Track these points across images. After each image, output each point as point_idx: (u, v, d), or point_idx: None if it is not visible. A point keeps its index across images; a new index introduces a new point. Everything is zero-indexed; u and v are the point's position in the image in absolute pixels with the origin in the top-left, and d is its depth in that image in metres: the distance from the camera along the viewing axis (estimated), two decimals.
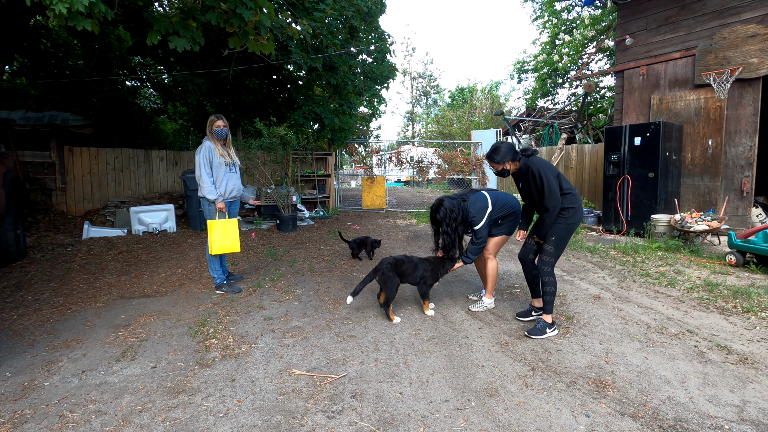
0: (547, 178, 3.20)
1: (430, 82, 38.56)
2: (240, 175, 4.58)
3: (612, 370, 2.76)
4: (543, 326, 3.30)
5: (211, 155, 4.25)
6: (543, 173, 3.22)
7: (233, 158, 4.51)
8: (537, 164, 3.27)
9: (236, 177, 4.50)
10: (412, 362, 2.89)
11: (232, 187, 4.44)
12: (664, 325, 3.49)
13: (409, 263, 3.71)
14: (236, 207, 4.68)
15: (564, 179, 3.33)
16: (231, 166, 4.41)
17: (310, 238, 7.36)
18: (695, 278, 4.73)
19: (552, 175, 3.24)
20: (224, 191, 4.35)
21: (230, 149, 4.49)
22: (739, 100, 6.80)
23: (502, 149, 3.39)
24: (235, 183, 4.47)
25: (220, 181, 4.31)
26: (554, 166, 3.34)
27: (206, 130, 4.37)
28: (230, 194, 4.42)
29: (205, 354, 3.02)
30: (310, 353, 3.03)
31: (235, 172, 4.48)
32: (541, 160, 3.33)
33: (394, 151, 12.68)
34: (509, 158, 3.38)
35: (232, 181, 4.44)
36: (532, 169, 3.28)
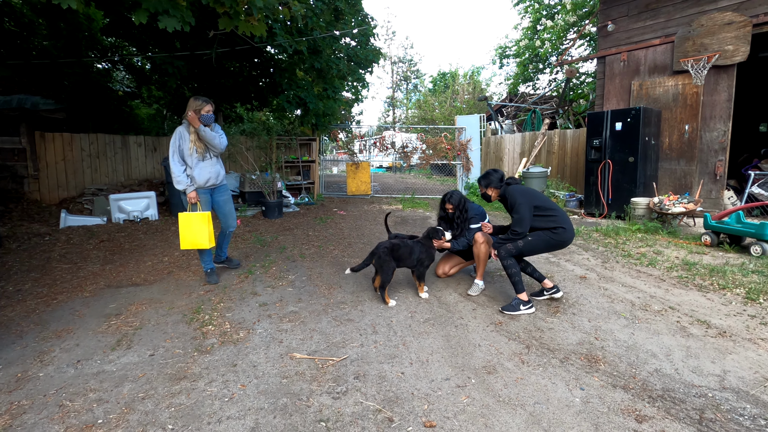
0: (519, 206, 3.45)
1: (410, 67, 38.28)
2: (220, 161, 4.27)
3: (602, 346, 2.89)
4: (517, 303, 3.46)
5: (182, 142, 3.96)
6: (517, 202, 3.47)
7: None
8: (514, 192, 3.51)
9: (212, 163, 4.15)
10: (410, 343, 2.95)
11: (208, 175, 4.10)
12: (648, 302, 3.65)
13: (405, 247, 3.75)
14: (223, 194, 4.37)
15: (548, 201, 3.54)
16: (207, 152, 4.09)
17: (297, 225, 7.32)
18: (674, 258, 4.94)
19: (526, 202, 3.45)
20: (199, 180, 4.06)
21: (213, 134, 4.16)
22: (714, 86, 7.03)
23: (491, 177, 3.67)
24: (211, 171, 4.12)
25: (194, 169, 4.03)
26: (532, 194, 3.51)
27: (185, 114, 3.99)
28: (207, 183, 4.10)
29: (203, 340, 3.01)
30: (309, 337, 3.05)
31: (212, 158, 4.14)
32: (519, 188, 3.53)
33: (378, 137, 12.63)
34: (493, 185, 3.64)
35: (207, 168, 4.09)
36: (508, 197, 3.56)
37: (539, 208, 3.48)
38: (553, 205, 3.53)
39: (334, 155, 19.27)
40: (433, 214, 8.54)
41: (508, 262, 3.48)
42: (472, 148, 11.44)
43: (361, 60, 9.69)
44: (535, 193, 3.52)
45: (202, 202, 4.11)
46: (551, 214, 3.48)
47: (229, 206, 4.44)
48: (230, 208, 4.45)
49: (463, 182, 11.47)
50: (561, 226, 3.46)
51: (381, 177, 19.25)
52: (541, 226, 3.48)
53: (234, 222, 4.50)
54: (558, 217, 3.48)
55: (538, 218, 3.48)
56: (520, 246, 3.47)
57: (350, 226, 7.25)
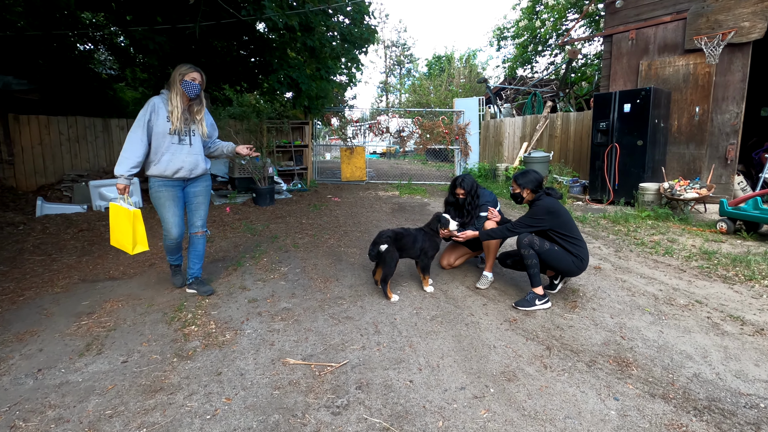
0: (537, 219, 3.17)
1: (403, 51, 37.50)
2: (202, 151, 3.33)
3: (631, 347, 2.60)
4: (532, 298, 3.16)
5: (155, 116, 3.08)
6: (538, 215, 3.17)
7: (194, 126, 3.24)
8: (544, 205, 3.18)
9: (191, 151, 3.21)
10: (417, 345, 2.64)
11: (181, 164, 3.16)
12: (672, 296, 3.37)
13: (409, 236, 3.42)
14: (197, 185, 3.37)
15: (575, 228, 3.21)
16: (185, 135, 3.18)
17: (289, 212, 6.95)
18: (690, 246, 4.67)
19: (548, 220, 3.16)
20: (167, 168, 3.12)
21: (197, 114, 3.24)
22: (728, 65, 6.70)
23: (530, 177, 3.30)
24: (186, 159, 3.18)
25: (160, 153, 3.11)
26: (560, 216, 3.17)
27: (168, 83, 3.18)
28: (176, 173, 3.17)
29: (184, 344, 2.67)
30: (304, 339, 2.73)
31: (192, 143, 3.22)
32: (553, 204, 3.19)
33: (374, 121, 12.21)
34: (530, 188, 3.28)
35: (182, 155, 3.16)
36: (535, 207, 3.23)
37: (565, 231, 3.15)
38: (579, 234, 3.22)
39: (327, 141, 18.79)
40: (432, 200, 8.21)
41: (529, 251, 3.14)
42: (471, 133, 11.08)
43: (356, 39, 9.20)
44: (563, 217, 3.17)
45: (166, 197, 3.20)
46: (577, 243, 3.16)
47: (201, 200, 3.42)
48: (200, 203, 3.41)
49: (461, 168, 11.13)
50: (582, 257, 3.15)
51: (375, 163, 18.84)
52: (567, 249, 3.16)
53: (201, 222, 3.42)
54: (582, 248, 3.17)
55: (565, 241, 3.15)
56: (546, 248, 3.13)
57: (345, 213, 6.90)
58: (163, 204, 3.22)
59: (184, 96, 3.15)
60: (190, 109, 3.23)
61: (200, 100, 3.24)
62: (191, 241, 3.47)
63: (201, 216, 3.42)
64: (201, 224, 3.43)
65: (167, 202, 3.22)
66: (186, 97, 3.16)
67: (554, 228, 3.16)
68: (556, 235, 3.17)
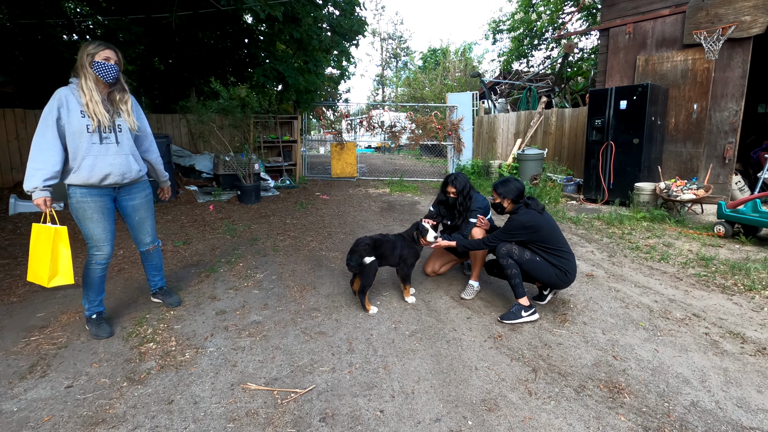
0: (514, 228, 2.95)
1: (400, 44, 37.07)
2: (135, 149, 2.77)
3: (623, 369, 2.40)
4: (517, 309, 2.96)
5: (65, 112, 2.46)
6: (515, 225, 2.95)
7: (120, 119, 2.64)
8: (523, 217, 2.95)
9: (119, 150, 2.63)
10: (393, 366, 2.43)
11: (108, 168, 2.58)
12: (668, 308, 3.18)
13: (388, 243, 3.20)
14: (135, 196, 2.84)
15: (560, 239, 3.00)
16: (108, 132, 2.58)
17: (274, 211, 6.71)
18: (687, 251, 4.48)
19: (523, 232, 2.94)
20: (91, 174, 2.54)
21: (121, 104, 2.64)
22: (728, 61, 6.48)
23: (510, 185, 3.07)
24: (115, 161, 2.60)
25: (79, 157, 2.51)
26: (540, 228, 2.94)
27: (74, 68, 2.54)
28: (104, 180, 2.60)
29: (138, 364, 2.45)
30: (270, 358, 2.51)
31: (119, 141, 2.63)
32: (533, 215, 2.95)
33: (365, 116, 11.93)
34: (511, 197, 3.06)
35: (109, 157, 2.58)
36: (514, 216, 3.00)
37: (547, 244, 2.94)
38: (564, 244, 3.00)
39: (321, 135, 18.49)
40: (422, 198, 7.99)
41: (508, 261, 2.96)
42: (464, 128, 10.83)
43: (345, 31, 8.92)
44: (543, 231, 2.94)
45: (93, 208, 2.61)
46: (561, 255, 2.95)
47: (144, 214, 2.93)
48: (144, 217, 2.93)
49: (454, 164, 10.90)
50: (566, 270, 2.94)
51: (369, 158, 18.58)
52: (550, 261, 2.95)
53: (150, 238, 3.01)
54: (567, 260, 2.95)
55: (547, 253, 2.95)
56: (525, 258, 2.93)
57: (332, 212, 6.66)
58: (90, 217, 2.61)
59: (99, 82, 2.56)
60: (111, 97, 2.62)
61: (122, 86, 2.66)
62: (144, 258, 3.11)
63: (149, 231, 3.01)
64: (152, 239, 3.05)
65: (95, 214, 2.62)
66: (103, 84, 2.58)
67: (534, 241, 2.95)
68: (536, 247, 2.97)
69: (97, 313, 2.84)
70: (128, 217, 2.90)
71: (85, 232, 2.67)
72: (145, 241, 3.03)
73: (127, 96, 2.69)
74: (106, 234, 2.71)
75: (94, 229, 2.65)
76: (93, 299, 2.80)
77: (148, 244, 3.04)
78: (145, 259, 3.13)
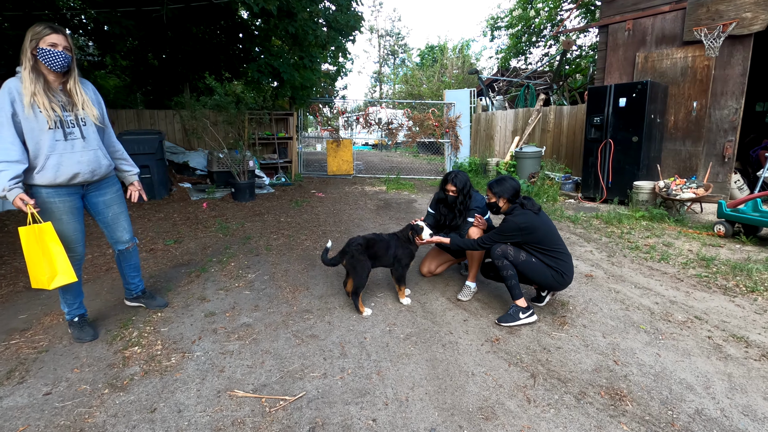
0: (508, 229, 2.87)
1: (397, 41, 36.90)
2: (101, 143, 2.56)
3: (625, 374, 2.32)
4: (515, 312, 2.88)
5: (19, 105, 2.25)
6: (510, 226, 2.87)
7: (82, 111, 2.43)
8: (517, 217, 2.86)
9: (85, 145, 2.44)
10: (387, 371, 2.34)
11: (76, 167, 2.40)
12: (669, 310, 3.10)
13: (381, 243, 3.11)
14: (106, 192, 2.65)
15: (557, 240, 2.91)
16: (71, 126, 2.39)
17: (269, 209, 6.60)
18: (687, 251, 4.41)
19: (517, 232, 2.85)
20: (58, 174, 2.36)
21: (76, 94, 2.41)
22: (728, 59, 6.41)
23: (506, 185, 2.97)
24: (83, 158, 2.42)
25: (43, 156, 2.32)
26: (536, 229, 2.85)
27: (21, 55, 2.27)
28: (74, 179, 2.43)
29: (121, 370, 2.35)
30: (259, 363, 2.42)
31: (84, 136, 2.43)
32: (528, 215, 2.87)
33: (362, 113, 11.82)
34: (506, 196, 2.96)
35: (76, 154, 2.40)
36: (509, 216, 2.91)
37: (543, 245, 2.86)
38: (561, 245, 2.91)
39: (318, 131, 18.36)
40: (419, 196, 7.89)
41: (503, 262, 2.87)
42: (462, 126, 10.74)
43: (342, 26, 8.79)
44: (538, 233, 2.85)
45: (62, 209, 2.43)
46: (557, 257, 2.86)
47: (118, 209, 2.74)
48: (119, 212, 2.74)
49: (451, 162, 10.81)
50: (562, 272, 2.85)
51: (365, 155, 18.47)
52: (546, 262, 2.87)
53: (126, 234, 2.81)
54: (563, 262, 2.87)
55: (542, 254, 2.87)
56: (521, 259, 2.85)
57: (327, 210, 6.56)
58: (59, 219, 2.42)
59: (49, 72, 2.32)
60: (66, 87, 2.39)
61: (73, 73, 2.40)
62: (122, 258, 2.89)
63: (125, 227, 2.80)
64: (129, 237, 2.85)
65: (64, 216, 2.44)
66: (54, 74, 2.34)
67: (529, 242, 2.87)
68: (531, 248, 2.88)
69: (78, 315, 2.71)
70: (100, 214, 2.69)
71: None
72: (123, 239, 2.82)
73: (85, 87, 2.49)
74: (77, 234, 2.56)
75: (64, 231, 2.47)
76: (72, 302, 2.67)
77: (126, 241, 2.84)
78: (123, 260, 2.91)
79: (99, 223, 2.75)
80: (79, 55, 13.05)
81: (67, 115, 2.39)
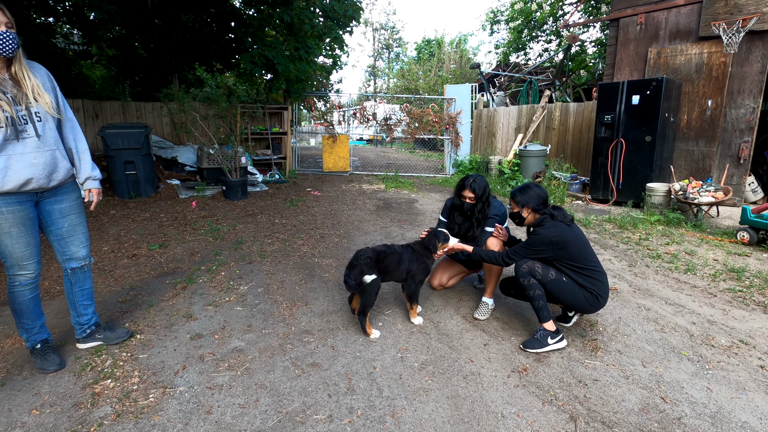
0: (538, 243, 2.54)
1: (392, 35, 36.38)
2: (59, 143, 2.17)
3: (678, 416, 2.01)
4: (543, 336, 2.56)
5: None
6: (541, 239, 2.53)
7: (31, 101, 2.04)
8: (548, 230, 2.53)
9: (40, 145, 2.05)
10: (402, 412, 2.01)
11: (29, 172, 2.03)
12: (709, 332, 2.80)
13: (393, 255, 2.77)
14: (63, 199, 2.25)
15: (591, 256, 2.59)
16: (24, 122, 2.01)
17: (262, 208, 6.22)
18: (712, 261, 4.13)
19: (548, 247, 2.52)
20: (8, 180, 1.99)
21: (24, 78, 2.03)
22: (746, 55, 6.13)
23: (531, 193, 2.65)
24: (38, 160, 2.05)
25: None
26: (569, 243, 2.52)
27: None
28: (26, 185, 2.04)
29: (89, 411, 1.99)
30: (253, 401, 2.07)
31: (35, 135, 2.04)
32: (561, 227, 2.54)
33: (359, 107, 11.42)
34: (532, 206, 2.64)
35: (28, 155, 2.02)
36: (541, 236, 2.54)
37: (576, 262, 2.53)
38: (595, 262, 2.59)
39: (312, 126, 17.91)
40: (420, 196, 7.55)
41: (530, 281, 2.54)
42: (463, 122, 10.40)
43: (339, 16, 8.36)
44: (571, 248, 2.52)
45: (12, 221, 2.05)
46: (592, 275, 2.54)
47: (76, 219, 2.32)
48: (76, 224, 2.32)
49: (451, 159, 10.48)
50: (597, 293, 2.54)
51: (361, 151, 18.06)
52: (578, 281, 2.54)
53: (83, 250, 2.36)
54: (599, 281, 2.55)
55: (575, 272, 2.55)
56: (550, 277, 2.52)
57: (324, 211, 6.20)
58: (7, 232, 2.04)
59: None
60: (13, 76, 2.02)
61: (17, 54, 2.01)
62: (74, 280, 2.38)
63: (82, 241, 2.34)
64: (85, 253, 2.38)
65: (14, 228, 2.05)
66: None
67: (560, 259, 2.54)
68: (562, 265, 2.56)
69: (41, 341, 2.32)
70: (53, 224, 2.24)
71: (1, 250, 2.10)
72: (78, 255, 2.35)
73: (34, 71, 2.09)
74: (30, 249, 2.15)
75: (13, 246, 2.08)
76: (31, 326, 2.28)
77: (82, 258, 2.37)
78: (76, 282, 2.39)
79: (50, 235, 2.28)
80: (63, 43, 12.51)
81: (18, 110, 1.99)
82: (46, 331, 2.37)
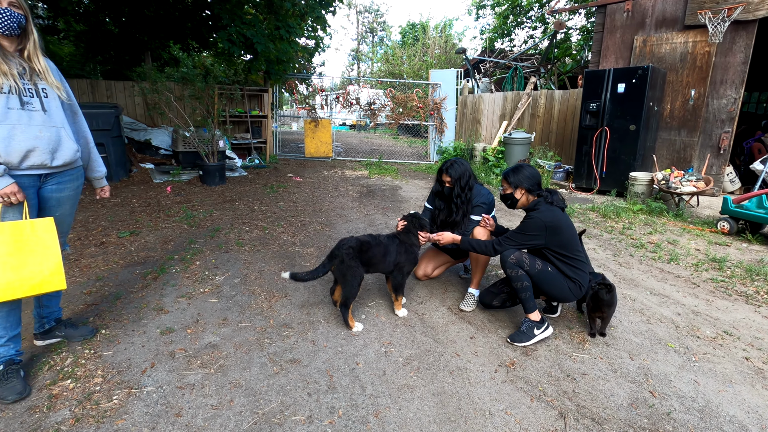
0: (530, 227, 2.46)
1: (376, 18, 35.67)
2: (66, 121, 2.04)
3: (667, 411, 1.97)
4: (529, 328, 2.50)
5: None
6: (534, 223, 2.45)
7: (42, 81, 1.95)
8: (543, 214, 2.44)
9: (44, 121, 1.91)
10: (387, 411, 1.91)
11: (30, 142, 1.87)
12: (694, 323, 2.79)
13: (378, 246, 2.64)
14: (66, 186, 2.10)
15: (578, 245, 2.52)
16: (30, 95, 1.89)
17: (241, 194, 6.00)
18: (694, 251, 4.15)
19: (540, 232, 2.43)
20: (3, 149, 1.81)
21: (37, 61, 1.94)
22: (730, 45, 6.14)
23: (523, 173, 2.55)
24: (41, 134, 1.90)
25: None
26: (561, 229, 2.44)
27: None
28: (25, 160, 1.88)
29: (45, 416, 1.82)
30: (227, 402, 1.94)
31: (42, 109, 1.92)
32: (555, 212, 2.46)
33: (342, 91, 11.15)
34: (525, 186, 2.54)
35: (29, 129, 1.87)
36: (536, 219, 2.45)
37: (564, 251, 2.46)
38: (580, 254, 2.53)
39: (294, 110, 17.48)
40: (404, 183, 7.43)
41: (518, 272, 2.46)
42: (447, 108, 10.25)
43: None
44: (564, 234, 2.45)
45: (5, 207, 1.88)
46: (576, 265, 2.48)
47: (68, 210, 2.19)
48: (66, 215, 2.19)
49: (435, 146, 10.35)
50: (580, 283, 2.48)
51: (344, 136, 17.78)
52: (564, 271, 2.47)
53: (63, 238, 2.18)
54: (582, 272, 2.49)
55: (562, 262, 2.47)
56: (537, 268, 2.45)
57: (306, 197, 6.02)
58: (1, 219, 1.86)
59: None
60: (24, 55, 1.92)
61: (31, 36, 1.92)
62: None
63: (64, 230, 2.18)
64: (64, 241, 2.22)
65: (9, 214, 1.87)
66: (5, 37, 1.86)
67: (550, 247, 2.46)
68: (551, 254, 2.48)
69: (5, 361, 1.96)
70: (45, 212, 2.08)
71: None
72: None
73: (41, 51, 1.98)
74: None
75: None
76: (5, 331, 1.96)
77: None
78: None
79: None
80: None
81: (25, 83, 1.89)
82: (16, 344, 2.01)
